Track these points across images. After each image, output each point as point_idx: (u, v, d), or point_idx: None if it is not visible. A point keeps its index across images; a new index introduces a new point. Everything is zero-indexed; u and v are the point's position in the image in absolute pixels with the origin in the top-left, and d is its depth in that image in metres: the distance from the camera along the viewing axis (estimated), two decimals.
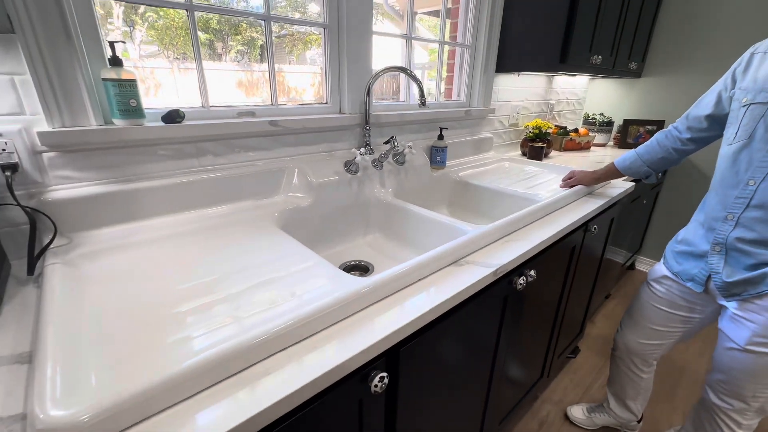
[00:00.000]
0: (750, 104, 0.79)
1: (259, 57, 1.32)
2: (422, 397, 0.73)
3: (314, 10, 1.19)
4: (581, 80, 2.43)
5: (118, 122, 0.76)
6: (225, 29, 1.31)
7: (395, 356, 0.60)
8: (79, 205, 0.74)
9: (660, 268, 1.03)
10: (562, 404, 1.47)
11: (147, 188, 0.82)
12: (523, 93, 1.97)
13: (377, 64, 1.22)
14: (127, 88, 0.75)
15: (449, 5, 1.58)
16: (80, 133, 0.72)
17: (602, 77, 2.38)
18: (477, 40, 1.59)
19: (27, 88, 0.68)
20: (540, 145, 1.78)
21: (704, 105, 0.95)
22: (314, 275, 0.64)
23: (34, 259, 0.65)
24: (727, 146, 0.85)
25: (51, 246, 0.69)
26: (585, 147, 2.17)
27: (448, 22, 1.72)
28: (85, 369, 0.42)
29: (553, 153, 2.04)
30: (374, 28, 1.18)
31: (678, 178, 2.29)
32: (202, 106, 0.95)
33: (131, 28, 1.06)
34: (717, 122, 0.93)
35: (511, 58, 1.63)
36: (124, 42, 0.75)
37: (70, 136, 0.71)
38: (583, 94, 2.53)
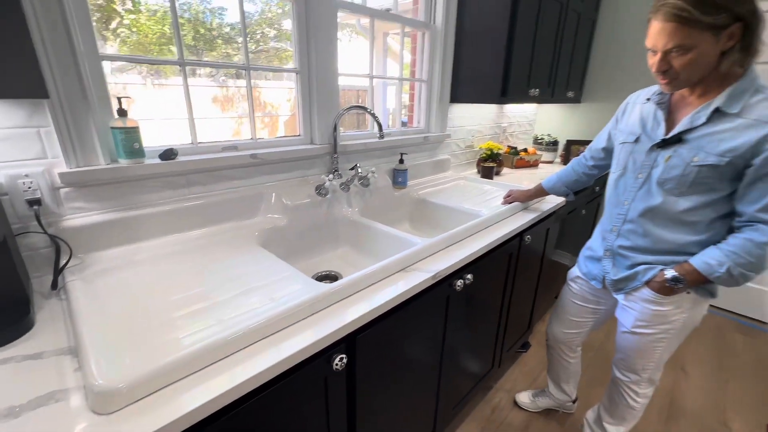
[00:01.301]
0: (623, 143, 1.04)
1: (234, 72, 1.41)
2: (378, 378, 0.91)
3: (288, 26, 1.29)
4: (530, 105, 2.73)
5: (123, 161, 0.92)
6: (200, 45, 1.35)
7: (353, 342, 0.79)
8: (89, 231, 0.89)
9: (575, 270, 1.27)
10: (513, 392, 1.68)
11: (146, 215, 0.97)
12: (477, 119, 2.23)
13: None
14: (132, 133, 0.91)
15: (407, 35, 1.82)
16: (93, 172, 0.88)
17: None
18: (432, 76, 1.83)
19: (50, 137, 0.83)
20: (491, 165, 2.03)
21: (601, 140, 1.21)
22: (288, 283, 0.82)
23: (56, 276, 0.79)
24: (612, 174, 1.10)
25: (68, 265, 0.84)
26: (534, 165, 2.44)
27: (409, 57, 1.96)
28: (118, 354, 0.59)
29: (506, 171, 2.30)
30: (347, 44, 1.36)
31: None
32: (192, 143, 1.12)
33: (103, 42, 1.12)
34: (610, 153, 1.18)
35: (461, 91, 1.87)
36: (129, 97, 0.91)
37: (84, 175, 0.87)
38: (533, 116, 2.84)
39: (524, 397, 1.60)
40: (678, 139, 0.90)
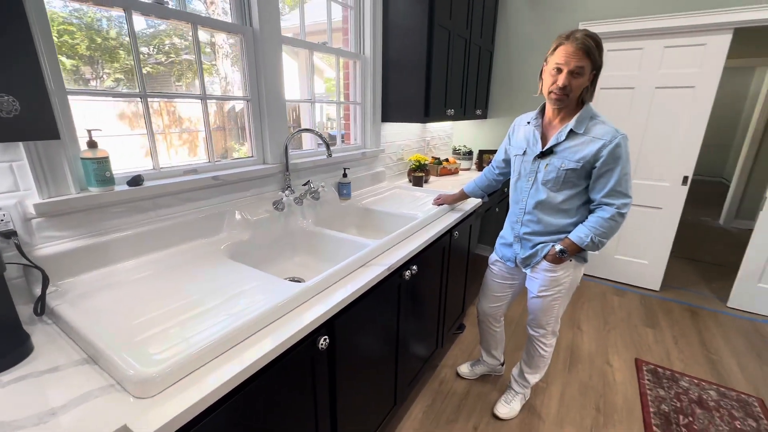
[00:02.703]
0: (516, 155, 1.39)
1: (139, 86, 1.32)
2: (352, 359, 1.09)
3: (203, 38, 1.24)
4: (448, 122, 3.15)
5: (95, 190, 0.98)
6: (96, 55, 1.23)
7: (332, 326, 0.96)
8: (63, 258, 0.93)
9: (493, 255, 1.60)
10: (454, 366, 1.96)
11: (118, 238, 1.03)
12: (406, 135, 2.54)
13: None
14: (104, 163, 0.97)
15: (342, 69, 2.04)
16: (66, 202, 0.92)
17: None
18: (365, 99, 2.08)
19: (22, 171, 0.86)
20: (420, 174, 2.34)
21: (501, 153, 1.56)
22: (269, 286, 0.96)
23: (43, 302, 0.83)
24: (512, 179, 1.44)
25: (47, 292, 0.87)
26: (455, 172, 2.83)
27: (333, 73, 2.16)
28: (138, 354, 0.69)
29: (433, 179, 2.64)
30: None
31: None
32: (153, 168, 1.18)
33: None
34: (509, 163, 1.53)
35: (391, 112, 2.15)
36: (99, 129, 0.97)
37: (58, 205, 0.91)
38: (451, 131, 3.27)
39: (464, 368, 1.90)
40: (550, 151, 1.26)
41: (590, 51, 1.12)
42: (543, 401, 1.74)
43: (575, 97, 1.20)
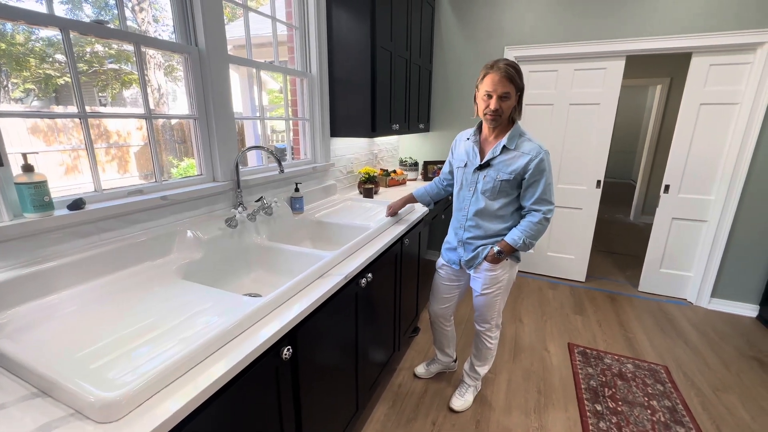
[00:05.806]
0: (458, 167, 1.54)
1: (54, 96, 1.21)
2: (315, 366, 1.13)
3: (128, 46, 1.21)
4: (394, 136, 3.30)
5: (32, 216, 0.92)
6: (2, 62, 1.14)
7: (294, 336, 1.00)
8: None
9: (440, 260, 1.73)
10: (411, 369, 2.06)
11: (59, 265, 0.97)
12: (355, 148, 2.63)
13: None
14: (41, 187, 0.93)
15: (289, 86, 2.08)
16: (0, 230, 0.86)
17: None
18: (314, 116, 2.14)
19: None
20: (370, 186, 2.44)
21: (446, 166, 1.71)
22: (229, 303, 0.98)
23: None
24: (455, 189, 1.59)
25: None
26: (402, 183, 2.98)
27: (277, 85, 2.20)
28: (96, 379, 0.68)
29: (382, 190, 2.75)
30: None
31: None
32: (95, 190, 1.14)
33: None
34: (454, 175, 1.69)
35: (339, 127, 2.23)
36: (36, 152, 0.93)
37: None
38: (397, 143, 3.43)
39: (420, 369, 2.00)
40: (487, 164, 1.43)
41: (513, 78, 1.30)
42: (492, 390, 1.90)
43: (507, 116, 1.37)
